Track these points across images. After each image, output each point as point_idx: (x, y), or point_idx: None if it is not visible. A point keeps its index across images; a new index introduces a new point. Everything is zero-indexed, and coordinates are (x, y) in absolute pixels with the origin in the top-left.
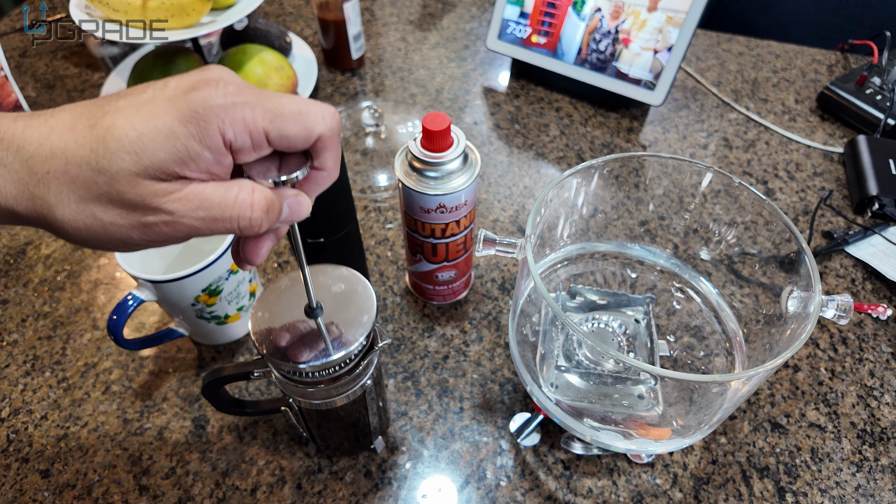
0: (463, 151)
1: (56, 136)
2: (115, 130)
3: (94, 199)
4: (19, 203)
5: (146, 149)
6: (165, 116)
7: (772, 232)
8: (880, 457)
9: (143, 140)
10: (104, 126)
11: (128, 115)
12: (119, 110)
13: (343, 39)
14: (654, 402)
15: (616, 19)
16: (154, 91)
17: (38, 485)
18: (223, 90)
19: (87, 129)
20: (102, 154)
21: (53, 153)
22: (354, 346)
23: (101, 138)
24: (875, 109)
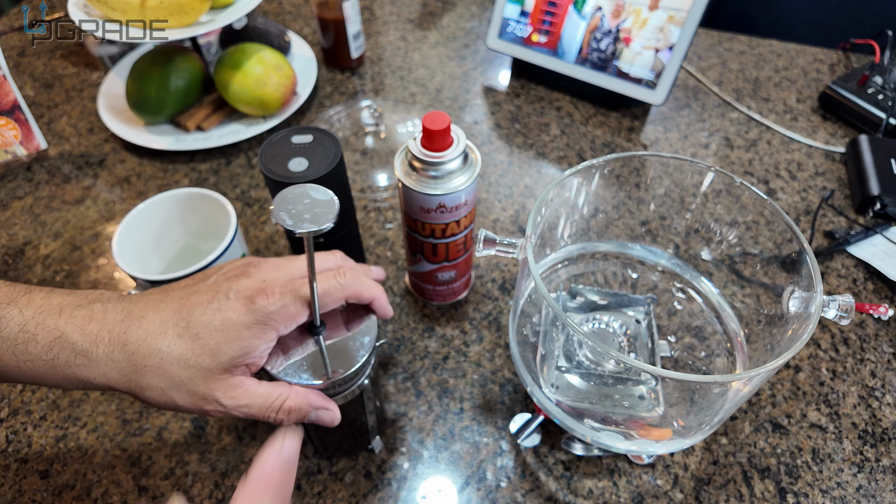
0: (463, 151)
1: (152, 339)
2: (199, 339)
3: (175, 387)
4: (118, 384)
5: (221, 350)
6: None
7: (773, 232)
8: (881, 457)
9: (220, 345)
10: (191, 335)
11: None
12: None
13: (342, 38)
14: (655, 402)
15: (617, 18)
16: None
17: (37, 485)
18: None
19: (177, 336)
20: (189, 356)
21: (151, 352)
22: (353, 368)
23: (188, 346)
24: (877, 109)
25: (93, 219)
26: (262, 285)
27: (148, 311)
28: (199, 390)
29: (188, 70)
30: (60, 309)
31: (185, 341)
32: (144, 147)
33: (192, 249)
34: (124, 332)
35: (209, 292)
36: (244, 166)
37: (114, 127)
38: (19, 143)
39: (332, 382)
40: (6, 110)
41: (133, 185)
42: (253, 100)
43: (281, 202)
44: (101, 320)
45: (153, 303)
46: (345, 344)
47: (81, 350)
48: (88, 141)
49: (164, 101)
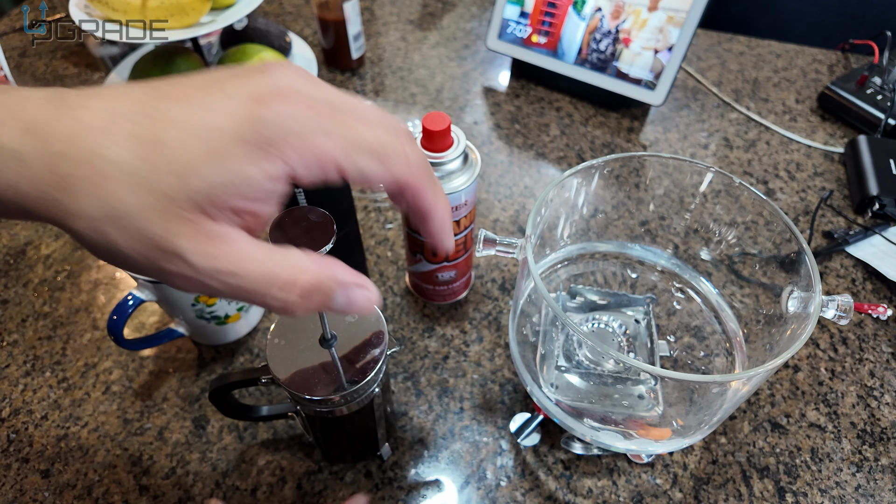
0: (463, 151)
1: (90, 136)
2: (161, 146)
3: (116, 220)
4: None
5: (195, 170)
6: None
7: (772, 232)
8: (880, 457)
9: (192, 160)
10: (150, 137)
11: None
12: (169, 120)
13: (343, 39)
14: (655, 402)
15: (616, 19)
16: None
17: (39, 485)
18: (298, 109)
19: (129, 136)
20: (139, 168)
21: (84, 157)
22: (366, 378)
23: (144, 151)
24: (876, 109)
25: None
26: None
27: (92, 99)
28: (153, 232)
29: (189, 71)
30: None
31: (142, 147)
32: None
33: None
34: (47, 120)
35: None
36: None
37: None
38: None
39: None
40: None
41: None
42: None
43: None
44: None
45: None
46: (357, 354)
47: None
48: None
49: None
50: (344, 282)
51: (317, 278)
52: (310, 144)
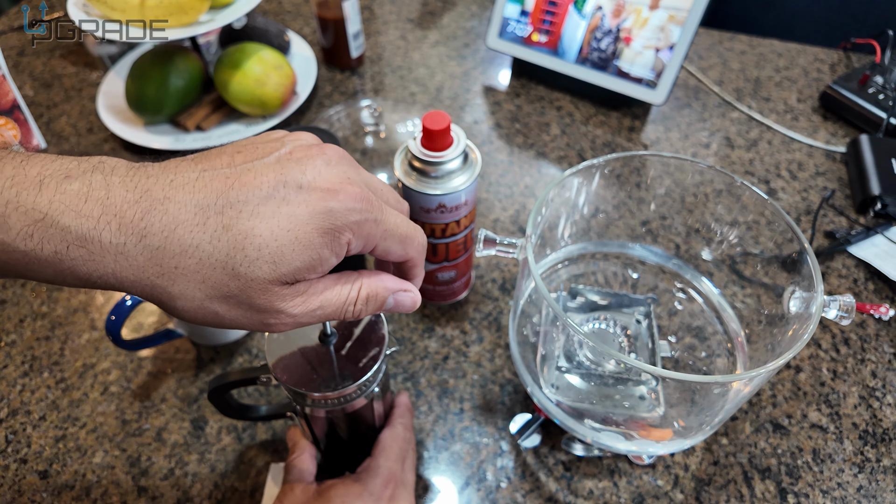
0: (463, 151)
1: (184, 231)
2: (254, 239)
3: (221, 298)
4: (134, 287)
5: (285, 259)
6: (306, 227)
7: (774, 232)
8: (882, 458)
9: (284, 251)
10: (241, 230)
11: (267, 222)
12: (256, 214)
13: (342, 38)
14: (656, 403)
15: (617, 17)
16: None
17: (37, 486)
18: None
19: (223, 230)
20: (240, 261)
21: (184, 250)
22: (366, 376)
23: (239, 245)
24: (878, 109)
25: None
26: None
27: (176, 191)
28: (255, 302)
29: (188, 70)
30: (41, 181)
31: (234, 239)
32: (144, 147)
33: None
34: (141, 217)
35: (270, 173)
36: None
37: (113, 126)
38: (18, 143)
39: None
40: (5, 110)
41: None
42: (252, 99)
43: None
44: (103, 200)
45: (183, 179)
46: (356, 352)
47: (77, 237)
48: (88, 140)
49: (163, 100)
50: (392, 288)
51: (372, 289)
52: (365, 231)
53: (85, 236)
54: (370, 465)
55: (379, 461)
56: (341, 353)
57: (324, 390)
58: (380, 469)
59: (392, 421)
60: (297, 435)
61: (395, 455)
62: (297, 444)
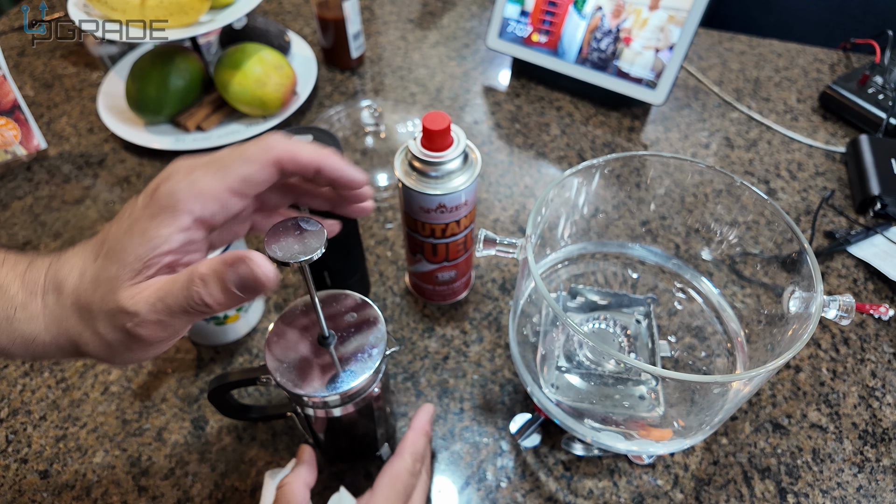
0: (463, 151)
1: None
2: (109, 252)
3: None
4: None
5: (124, 250)
6: (140, 221)
7: (773, 232)
8: (882, 457)
9: (125, 247)
10: (104, 252)
11: (115, 235)
12: (112, 236)
13: (342, 38)
14: (655, 402)
15: (617, 18)
16: (132, 208)
17: (37, 485)
18: (178, 177)
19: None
20: (99, 271)
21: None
22: (364, 377)
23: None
24: (877, 109)
25: (93, 219)
26: (167, 173)
27: (78, 246)
28: (108, 307)
29: (188, 70)
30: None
31: (100, 260)
32: (144, 147)
33: None
34: (55, 272)
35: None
36: None
37: (114, 127)
38: (19, 143)
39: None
40: (6, 110)
41: (133, 185)
42: (253, 100)
43: (272, 234)
44: (39, 266)
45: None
46: (355, 353)
47: (21, 303)
48: (88, 141)
49: (163, 100)
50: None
51: (209, 267)
52: (196, 190)
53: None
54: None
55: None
56: (341, 353)
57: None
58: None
59: (402, 447)
60: (303, 455)
61: (398, 493)
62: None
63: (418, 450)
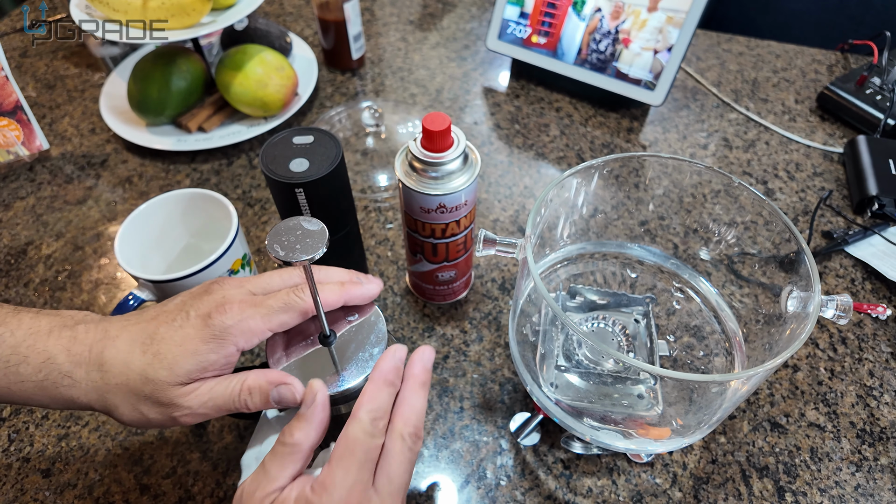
0: (463, 151)
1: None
2: (159, 354)
3: (142, 401)
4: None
5: (178, 364)
6: (193, 341)
7: (771, 232)
8: (880, 456)
9: (177, 359)
10: (153, 352)
11: (167, 342)
12: (162, 339)
13: (343, 39)
14: (654, 401)
15: (616, 19)
16: (183, 318)
17: (39, 484)
18: (231, 313)
19: (141, 353)
20: (149, 371)
21: (120, 371)
22: (366, 376)
23: (150, 361)
24: (875, 109)
25: (95, 219)
26: (220, 301)
27: (122, 332)
28: (160, 399)
29: (190, 71)
30: (49, 331)
31: (148, 357)
32: (146, 147)
33: (193, 249)
34: (101, 352)
35: (174, 311)
36: (245, 167)
37: (116, 127)
38: (21, 144)
39: (345, 391)
40: (8, 111)
41: (135, 186)
42: (254, 101)
43: (275, 234)
44: (83, 341)
45: (128, 323)
46: (356, 352)
47: (67, 372)
48: (90, 141)
49: (165, 101)
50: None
51: (254, 383)
52: (244, 328)
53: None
54: (325, 482)
55: (336, 476)
56: (342, 352)
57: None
58: (336, 489)
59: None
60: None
61: (359, 462)
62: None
63: (378, 405)
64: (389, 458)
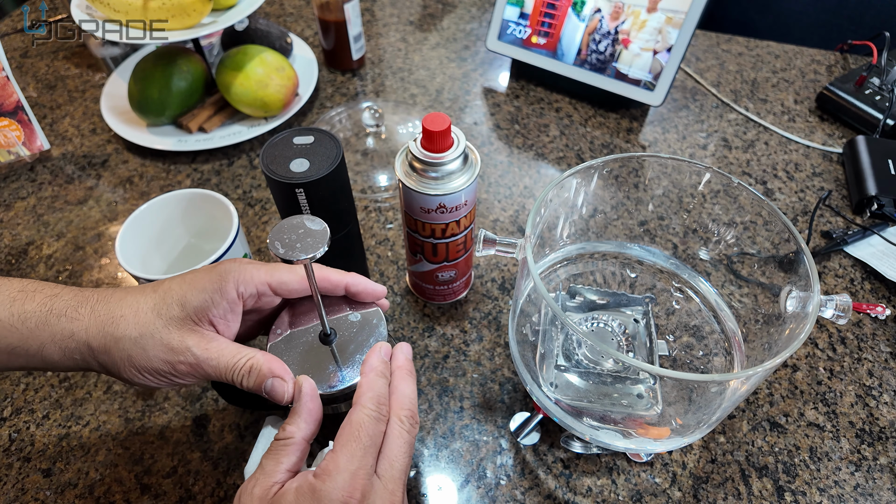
0: (463, 152)
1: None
2: (171, 290)
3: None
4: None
5: (187, 299)
6: (200, 279)
7: (771, 232)
8: (879, 456)
9: (186, 295)
10: (164, 287)
11: (178, 279)
12: (172, 280)
13: (344, 40)
14: (654, 401)
15: (616, 20)
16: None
17: (40, 484)
18: (238, 263)
19: (152, 291)
20: (161, 304)
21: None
22: None
23: (162, 297)
24: (874, 110)
25: (95, 219)
26: (237, 259)
27: (134, 289)
28: (172, 340)
29: (190, 71)
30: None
31: (159, 295)
32: (147, 148)
33: (194, 249)
34: (110, 295)
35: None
36: (246, 167)
37: (116, 128)
38: (22, 144)
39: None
40: (9, 111)
41: (136, 186)
42: (255, 101)
43: (277, 233)
44: (94, 290)
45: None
46: (356, 352)
47: (73, 305)
48: (91, 142)
49: (166, 102)
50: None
51: (256, 364)
52: (245, 273)
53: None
54: (328, 467)
55: (339, 461)
56: (342, 351)
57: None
58: (340, 474)
59: (358, 395)
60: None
61: (364, 447)
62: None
63: (378, 392)
64: (390, 441)
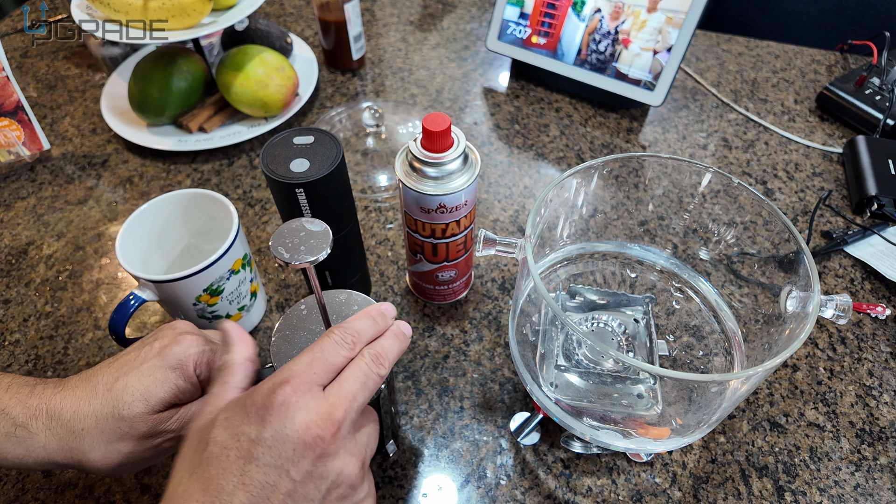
0: (463, 152)
1: (84, 404)
2: (128, 389)
3: (117, 439)
4: (58, 454)
5: (151, 394)
6: (160, 370)
7: (771, 232)
8: (879, 456)
9: (150, 390)
10: (119, 387)
11: (134, 375)
12: (126, 373)
13: (344, 40)
14: (654, 401)
15: (616, 20)
16: (144, 353)
17: (40, 484)
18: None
19: (107, 391)
20: (121, 407)
21: (86, 415)
22: None
23: (119, 396)
24: (874, 110)
25: (96, 219)
26: (177, 337)
27: (81, 381)
28: (141, 431)
29: (190, 71)
30: (8, 386)
31: (115, 394)
32: (147, 148)
33: (194, 250)
34: (59, 402)
35: (134, 350)
36: (246, 167)
37: (117, 128)
38: (22, 144)
39: None
40: (9, 111)
41: (136, 186)
42: (255, 101)
43: (279, 236)
44: (40, 394)
45: (87, 374)
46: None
47: (22, 423)
48: (91, 142)
49: (166, 102)
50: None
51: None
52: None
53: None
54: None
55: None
56: None
57: None
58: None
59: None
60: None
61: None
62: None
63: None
64: (346, 370)
